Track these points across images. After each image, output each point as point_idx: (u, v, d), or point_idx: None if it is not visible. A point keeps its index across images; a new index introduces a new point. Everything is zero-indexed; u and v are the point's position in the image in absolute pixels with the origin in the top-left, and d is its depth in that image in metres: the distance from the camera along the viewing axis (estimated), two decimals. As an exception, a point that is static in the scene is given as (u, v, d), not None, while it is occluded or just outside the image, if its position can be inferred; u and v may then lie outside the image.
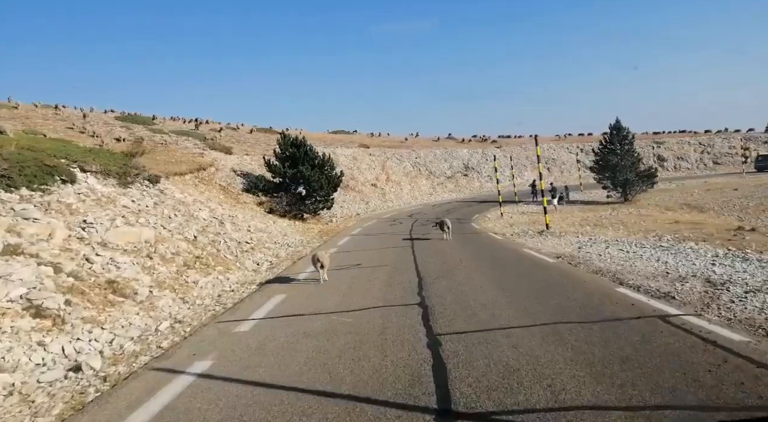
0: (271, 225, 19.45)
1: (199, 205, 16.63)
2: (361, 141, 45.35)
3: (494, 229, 17.52)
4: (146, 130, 31.82)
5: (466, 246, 12.84)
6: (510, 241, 13.22)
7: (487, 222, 20.33)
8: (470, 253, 11.16)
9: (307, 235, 19.69)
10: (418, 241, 14.46)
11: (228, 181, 25.66)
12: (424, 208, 31.25)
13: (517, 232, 15.55)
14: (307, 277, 9.54)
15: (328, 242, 16.77)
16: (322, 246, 15.70)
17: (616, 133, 26.55)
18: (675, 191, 31.09)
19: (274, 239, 16.95)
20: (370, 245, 14.45)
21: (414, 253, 11.73)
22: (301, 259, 13.04)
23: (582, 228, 15.38)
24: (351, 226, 22.25)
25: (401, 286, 7.67)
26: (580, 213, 21.71)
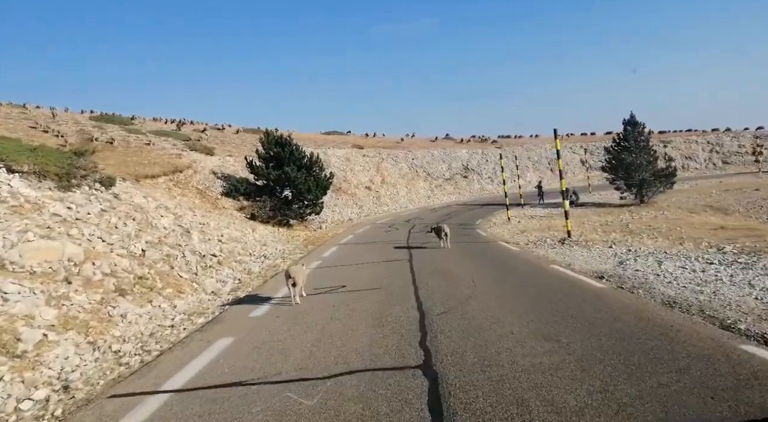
0: (249, 233, 17.13)
1: (162, 212, 14.32)
2: (354, 142, 43.11)
3: (504, 237, 15.26)
4: (122, 130, 29.47)
5: (476, 259, 10.57)
6: (529, 253, 10.94)
7: (494, 228, 18.08)
8: (483, 271, 8.88)
9: (290, 245, 17.39)
10: (417, 252, 12.20)
11: (206, 184, 23.34)
12: (422, 212, 28.99)
13: (533, 241, 13.30)
14: (273, 306, 7.27)
15: (313, 253, 14.49)
16: (303, 259, 13.42)
17: (631, 129, 24.39)
18: (691, 192, 28.94)
19: (249, 250, 14.64)
20: (361, 258, 12.17)
21: (412, 269, 9.46)
22: (275, 276, 10.79)
23: (608, 235, 13.14)
24: (341, 233, 19.96)
25: (396, 327, 5.39)
26: (596, 217, 19.49)
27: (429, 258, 11.12)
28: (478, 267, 9.26)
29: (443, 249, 12.45)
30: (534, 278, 7.74)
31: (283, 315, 6.60)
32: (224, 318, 6.92)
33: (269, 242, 16.92)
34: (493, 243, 13.58)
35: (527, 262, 9.49)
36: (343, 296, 7.52)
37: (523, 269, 8.72)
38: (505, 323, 5.17)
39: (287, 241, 18.18)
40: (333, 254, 13.51)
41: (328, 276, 9.66)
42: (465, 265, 9.62)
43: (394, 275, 9.00)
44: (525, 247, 12.25)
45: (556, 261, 9.27)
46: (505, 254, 11.03)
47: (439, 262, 10.24)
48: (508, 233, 16.22)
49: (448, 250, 12.18)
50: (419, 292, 7.20)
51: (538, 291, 6.74)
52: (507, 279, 7.73)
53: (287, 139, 23.08)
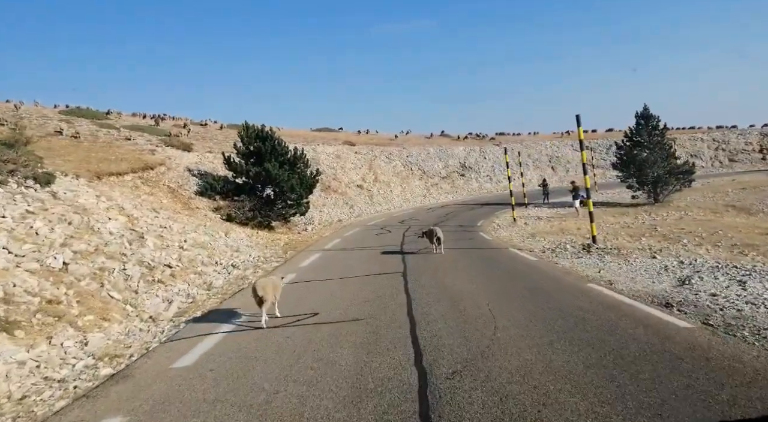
0: (220, 237, 14.98)
1: (113, 214, 12.16)
2: (346, 139, 40.96)
3: (513, 241, 13.22)
4: (92, 125, 27.21)
5: (487, 272, 8.51)
6: (551, 265, 8.88)
7: (499, 231, 16.04)
8: (500, 291, 6.81)
9: (268, 250, 15.28)
10: (413, 261, 10.16)
11: (180, 182, 21.15)
12: (417, 212, 26.92)
13: (550, 247, 11.28)
14: (217, 344, 5.21)
15: (291, 261, 12.40)
16: (279, 269, 11.33)
17: (644, 122, 22.41)
18: (705, 190, 27.06)
19: (217, 257, 12.51)
20: (345, 269, 10.08)
21: (407, 288, 7.39)
22: (240, 292, 8.71)
23: (638, 240, 11.13)
24: (327, 237, 17.86)
25: (381, 406, 3.31)
26: (611, 218, 17.49)
27: (427, 269, 9.05)
28: (491, 285, 7.19)
29: (443, 258, 10.42)
30: (573, 306, 5.66)
31: (221, 367, 4.52)
32: (136, 369, 4.81)
33: (243, 247, 14.80)
34: (503, 250, 11.52)
35: (554, 279, 7.41)
36: (312, 333, 5.43)
37: (552, 290, 6.63)
38: (564, 404, 3.09)
39: (265, 246, 16.06)
40: (313, 263, 11.41)
41: (301, 296, 7.57)
42: (474, 281, 7.55)
43: (384, 297, 6.91)
44: (543, 256, 10.21)
45: (593, 278, 7.22)
46: (522, 265, 8.95)
47: (441, 276, 8.17)
48: (517, 237, 14.18)
49: (450, 260, 10.14)
50: (417, 329, 5.12)
51: (588, 331, 4.67)
52: (536, 309, 5.64)
53: (269, 132, 20.93)
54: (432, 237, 11.65)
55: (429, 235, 11.82)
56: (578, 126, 10.58)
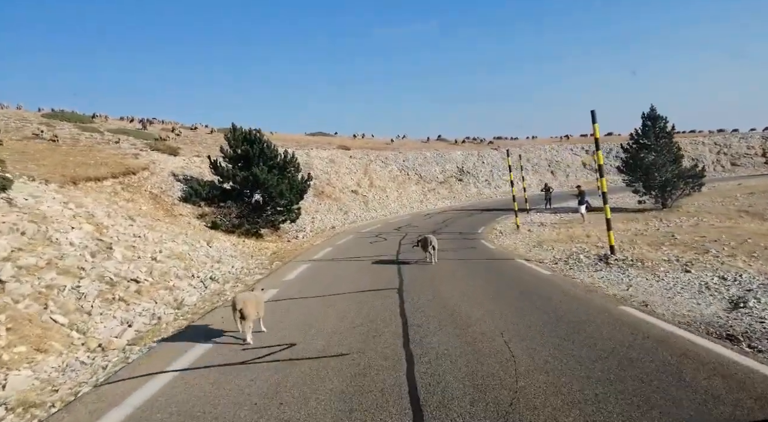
0: (201, 247, 13.82)
1: (78, 222, 11.00)
2: (341, 143, 39.89)
3: (519, 251, 12.14)
4: (75, 128, 26.05)
5: (495, 289, 7.39)
6: (568, 280, 7.75)
7: (503, 239, 14.94)
8: (515, 317, 5.68)
9: (254, 260, 14.14)
10: (410, 274, 9.06)
11: (164, 187, 20.00)
12: (414, 218, 25.81)
13: (562, 258, 10.20)
14: (170, 384, 4.09)
15: (276, 273, 11.27)
16: (261, 282, 10.19)
17: (651, 124, 21.43)
18: (712, 195, 26.06)
19: (194, 270, 11.36)
20: (333, 283, 8.95)
21: (403, 310, 6.27)
22: (212, 312, 7.59)
23: (657, 250, 10.05)
24: (319, 245, 16.72)
25: None
26: (621, 225, 16.42)
27: (427, 284, 7.93)
28: (503, 307, 6.06)
29: (444, 270, 9.32)
30: (612, 339, 4.52)
31: None
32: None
33: (226, 258, 13.65)
34: (510, 261, 10.42)
35: (577, 299, 6.28)
36: (283, 374, 4.31)
37: (579, 314, 5.50)
38: None
39: (251, 256, 14.92)
40: (300, 276, 10.28)
41: (279, 318, 6.45)
42: (482, 302, 6.43)
43: (376, 321, 5.79)
44: (555, 268, 9.11)
45: (622, 298, 6.11)
46: (535, 280, 7.82)
47: (443, 295, 7.05)
48: (522, 245, 13.09)
49: (451, 273, 9.04)
50: (416, 371, 4.01)
51: (643, 382, 3.54)
52: (565, 343, 4.52)
53: (257, 135, 19.82)
54: (426, 245, 10.67)
55: (423, 244, 10.81)
56: (593, 122, 9.52)
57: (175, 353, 5.35)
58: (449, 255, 11.97)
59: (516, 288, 7.19)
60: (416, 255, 11.56)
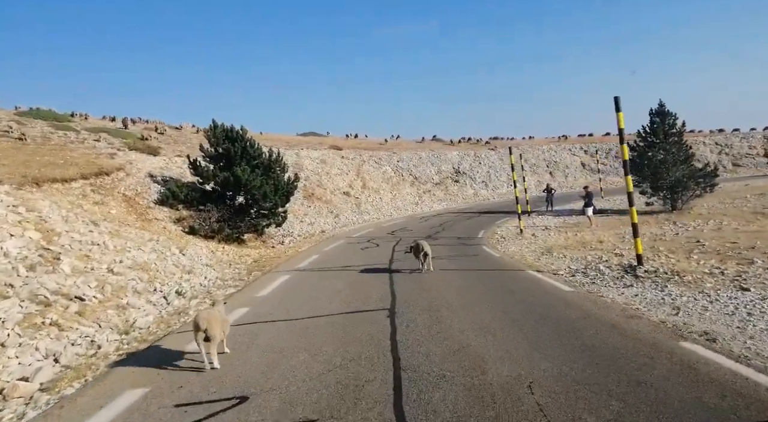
0: (171, 255, 12.40)
1: (24, 228, 9.59)
2: (333, 143, 38.49)
3: (527, 259, 10.82)
4: (48, 126, 24.52)
5: (509, 313, 6.03)
6: (596, 301, 6.38)
7: (507, 245, 13.62)
8: (541, 353, 4.34)
9: (231, 269, 12.76)
10: (403, 287, 7.73)
11: (139, 189, 18.55)
12: (409, 221, 24.46)
13: (579, 268, 8.88)
14: None
15: (250, 287, 9.90)
16: (233, 297, 8.81)
17: (660, 120, 20.20)
18: (721, 196, 24.88)
19: (158, 282, 9.96)
20: (312, 302, 7.58)
21: (394, 344, 4.94)
22: (166, 337, 6.24)
23: (689, 259, 8.74)
24: (305, 252, 15.34)
25: None
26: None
27: (424, 305, 6.58)
28: (525, 345, 4.70)
29: (444, 284, 8.00)
30: (694, 403, 3.18)
31: None
32: None
33: (199, 267, 12.24)
34: (519, 272, 9.08)
35: (616, 329, 4.90)
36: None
37: (629, 355, 4.13)
38: None
39: (229, 264, 13.52)
40: (276, 291, 8.89)
41: (238, 351, 5.10)
42: (496, 333, 5.08)
43: (359, 361, 4.45)
44: (574, 282, 7.78)
45: (674, 327, 4.78)
46: (555, 301, 6.45)
47: (444, 320, 5.70)
48: (530, 253, 11.77)
49: (453, 287, 7.72)
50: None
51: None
52: (623, 407, 3.16)
53: (239, 133, 18.42)
54: (418, 252, 9.49)
55: (415, 251, 9.66)
56: (617, 111, 8.20)
57: (92, 407, 3.98)
58: (448, 264, 10.63)
59: (535, 312, 5.83)
60: (410, 263, 10.25)
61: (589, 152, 45.36)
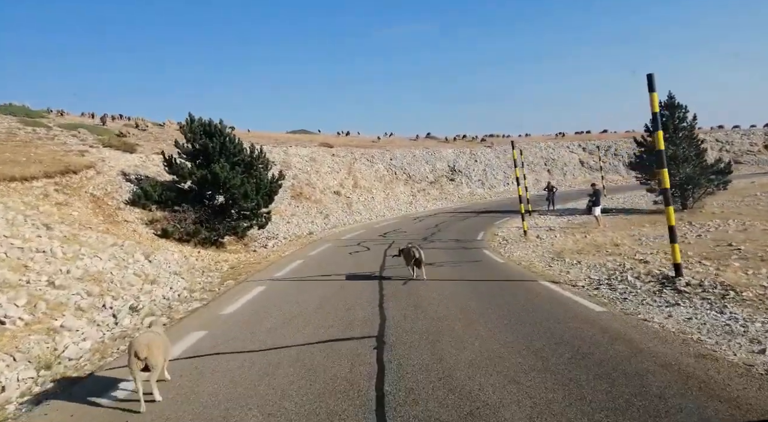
0: (134, 262, 10.98)
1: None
2: (324, 140, 37.07)
3: (536, 266, 9.52)
4: (16, 122, 22.97)
5: (530, 342, 4.72)
6: (636, 325, 5.02)
7: (511, 249, 12.30)
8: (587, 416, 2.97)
9: (203, 278, 11.37)
10: (396, 304, 6.43)
11: (109, 188, 17.10)
12: (402, 222, 23.12)
13: (599, 278, 7.60)
14: None
15: (219, 300, 8.52)
16: (196, 315, 7.43)
17: (669, 114, 18.95)
18: (730, 194, 23.77)
19: (108, 297, 8.54)
20: (280, 326, 6.22)
21: (381, 396, 3.58)
22: (91, 376, 4.86)
23: (725, 266, 7.46)
24: (288, 256, 13.96)
25: None
26: (647, 229, 13.90)
27: (422, 332, 5.24)
28: (561, 399, 3.36)
29: (444, 301, 6.67)
30: None
31: None
32: None
33: (166, 276, 10.84)
34: (531, 284, 7.75)
35: (692, 380, 3.53)
36: None
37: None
38: None
39: (202, 272, 12.12)
40: (243, 309, 7.51)
41: (176, 398, 3.74)
42: (519, 379, 3.75)
43: None
44: (600, 297, 6.47)
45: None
46: (587, 327, 5.08)
47: (450, 358, 4.36)
48: (538, 258, 10.46)
49: (455, 304, 6.41)
50: None
51: None
52: None
53: (218, 127, 16.98)
54: (409, 258, 8.36)
55: (406, 256, 8.54)
56: (651, 91, 6.92)
57: None
58: (448, 272, 9.30)
59: (565, 344, 4.49)
60: (404, 271, 8.93)
61: (587, 149, 44.25)
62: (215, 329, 6.26)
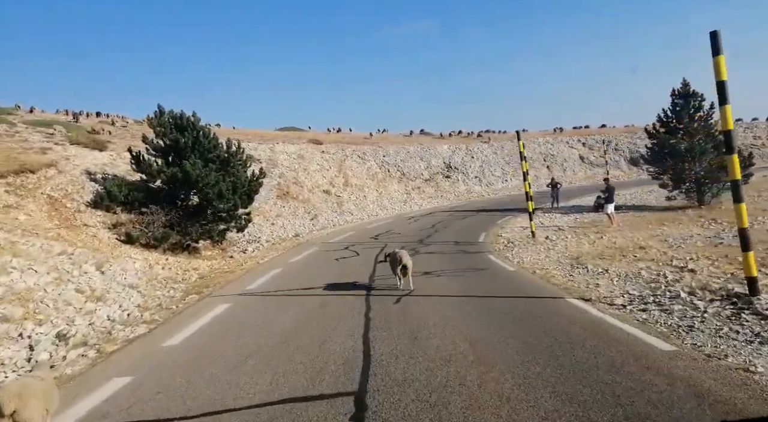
0: (82, 274, 9.35)
1: None
2: (313, 137, 35.41)
3: (555, 276, 7.99)
4: (-23, 118, 21.20)
5: (582, 414, 3.11)
6: (755, 388, 3.43)
7: (519, 253, 10.75)
8: None
9: (165, 291, 9.77)
10: (385, 335, 4.90)
11: (70, 189, 15.42)
12: (396, 222, 21.55)
13: (642, 294, 6.08)
14: None
15: (168, 325, 6.91)
16: (137, 343, 5.84)
17: (684, 103, 17.44)
18: (745, 188, 22.33)
19: (31, 321, 6.93)
20: (230, 373, 4.62)
21: None
22: None
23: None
24: (266, 263, 12.36)
25: None
26: (670, 228, 12.43)
27: (420, 388, 3.66)
28: None
29: (447, 327, 5.13)
30: None
31: None
32: None
33: (118, 290, 9.22)
34: (557, 302, 6.20)
35: None
36: None
37: None
38: None
39: (165, 284, 10.51)
40: (192, 340, 5.93)
41: None
42: None
43: None
44: (652, 322, 4.95)
45: None
46: (664, 383, 3.52)
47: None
48: (554, 265, 8.91)
49: (468, 342, 4.81)
50: None
51: None
52: None
53: (190, 120, 15.33)
54: (395, 264, 7.25)
55: (392, 262, 7.44)
56: (715, 54, 5.36)
57: None
58: (449, 284, 7.75)
59: (639, 415, 2.93)
60: (396, 280, 7.38)
61: (587, 144, 42.87)
62: (145, 373, 4.67)
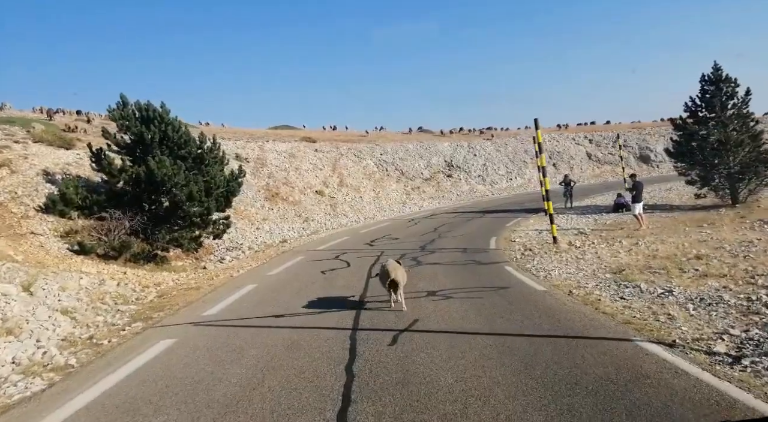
0: (0, 296, 7.45)
1: None
2: (306, 135, 33.52)
3: (602, 300, 6.11)
4: (-67, 115, 19.29)
5: None
6: None
7: (543, 264, 8.86)
8: None
9: (107, 317, 7.89)
10: (374, 412, 2.89)
11: (21, 190, 13.55)
12: (394, 225, 19.65)
13: (752, 336, 4.15)
14: None
15: (83, 372, 4.98)
16: (27, 408, 3.97)
17: (714, 90, 15.52)
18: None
19: None
20: None
21: None
22: None
23: None
24: (239, 278, 10.44)
25: None
26: (723, 234, 10.55)
27: None
28: None
29: (469, 404, 3.14)
30: None
31: None
32: None
33: (43, 318, 7.34)
34: (625, 347, 4.30)
35: None
36: None
37: None
38: None
39: (114, 305, 8.64)
40: (101, 404, 3.99)
41: None
42: None
43: None
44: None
45: None
46: None
47: None
48: (593, 282, 7.04)
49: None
50: None
51: None
52: None
53: (157, 111, 13.42)
54: (384, 278, 6.26)
55: (381, 276, 6.50)
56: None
57: None
58: (467, 313, 5.87)
59: None
60: (395, 305, 5.51)
61: (594, 141, 41.02)
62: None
